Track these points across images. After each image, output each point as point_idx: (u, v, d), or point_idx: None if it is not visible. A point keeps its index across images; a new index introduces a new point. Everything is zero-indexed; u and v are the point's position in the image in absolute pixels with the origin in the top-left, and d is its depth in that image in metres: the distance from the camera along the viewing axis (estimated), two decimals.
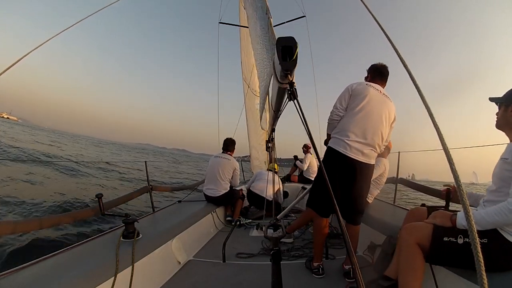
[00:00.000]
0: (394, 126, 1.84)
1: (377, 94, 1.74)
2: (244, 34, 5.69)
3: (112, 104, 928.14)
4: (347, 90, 1.77)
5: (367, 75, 1.94)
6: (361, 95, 1.72)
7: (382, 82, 1.86)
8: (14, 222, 1.47)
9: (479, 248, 0.40)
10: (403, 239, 1.29)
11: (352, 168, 1.70)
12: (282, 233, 1.28)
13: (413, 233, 1.27)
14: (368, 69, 1.93)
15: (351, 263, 0.69)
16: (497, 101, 1.32)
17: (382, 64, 1.89)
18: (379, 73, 1.86)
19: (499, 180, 1.19)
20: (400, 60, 0.55)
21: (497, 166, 1.25)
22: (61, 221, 1.85)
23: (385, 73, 1.87)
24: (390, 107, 1.77)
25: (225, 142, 3.48)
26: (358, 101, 1.71)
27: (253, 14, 1.70)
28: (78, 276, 1.15)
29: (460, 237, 1.15)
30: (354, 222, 1.82)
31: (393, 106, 1.80)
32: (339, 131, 1.76)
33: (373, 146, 1.72)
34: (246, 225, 3.14)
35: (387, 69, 1.87)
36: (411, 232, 1.28)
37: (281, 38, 0.76)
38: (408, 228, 1.32)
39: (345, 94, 1.77)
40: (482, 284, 0.39)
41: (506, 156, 1.17)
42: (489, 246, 1.06)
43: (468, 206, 0.42)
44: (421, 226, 1.29)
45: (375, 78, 1.86)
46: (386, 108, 1.75)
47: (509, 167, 1.13)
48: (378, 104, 1.73)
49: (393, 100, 1.81)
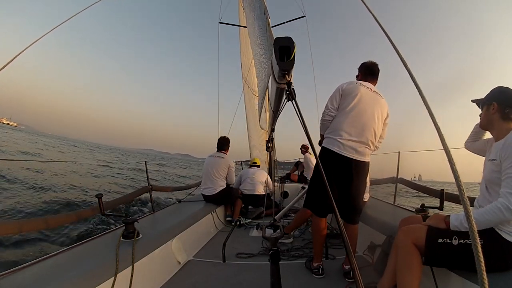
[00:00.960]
0: (388, 122, 1.86)
1: (368, 92, 1.76)
2: (244, 34, 5.69)
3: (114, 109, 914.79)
4: (338, 90, 1.79)
5: (358, 73, 1.96)
6: (351, 94, 1.74)
7: (373, 80, 1.88)
8: (13, 222, 1.48)
9: (480, 248, 0.40)
10: (400, 240, 1.31)
11: (347, 166, 1.71)
12: (281, 233, 1.28)
13: (409, 234, 1.29)
14: (359, 67, 1.95)
15: (350, 264, 0.69)
16: (478, 102, 1.33)
17: (372, 62, 1.90)
18: (370, 71, 1.88)
19: (488, 182, 1.19)
20: (400, 60, 0.55)
21: (485, 168, 1.26)
22: (61, 221, 1.85)
23: (376, 70, 1.89)
24: (382, 104, 1.78)
25: (219, 141, 3.49)
26: (349, 100, 1.73)
27: (251, 14, 1.70)
28: (78, 276, 1.15)
29: (455, 238, 1.16)
30: (352, 221, 1.82)
31: (385, 103, 1.81)
32: (332, 131, 1.78)
33: (366, 144, 1.74)
34: (246, 225, 3.14)
35: (377, 67, 1.89)
36: (407, 233, 1.30)
37: (279, 38, 0.76)
38: (404, 230, 1.34)
39: (336, 94, 1.79)
40: (483, 284, 0.39)
41: (493, 157, 1.17)
42: (486, 246, 1.05)
43: (468, 207, 0.42)
44: (416, 228, 1.30)
45: (366, 76, 1.88)
46: (378, 106, 1.76)
47: (497, 168, 1.13)
48: (369, 102, 1.74)
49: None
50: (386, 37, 0.59)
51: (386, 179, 3.31)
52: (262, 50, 1.26)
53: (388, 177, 3.23)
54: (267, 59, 0.98)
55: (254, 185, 3.72)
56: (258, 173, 3.89)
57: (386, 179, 3.31)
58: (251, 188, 3.70)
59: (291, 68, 0.76)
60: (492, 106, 1.23)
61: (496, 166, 1.14)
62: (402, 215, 2.24)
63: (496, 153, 1.16)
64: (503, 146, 1.13)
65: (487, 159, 1.26)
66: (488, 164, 1.22)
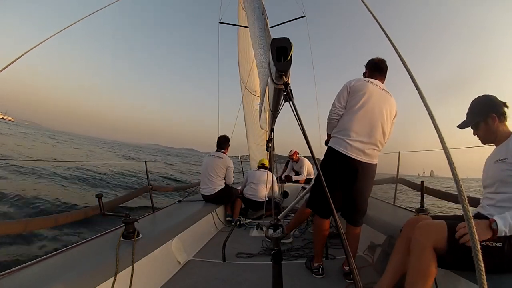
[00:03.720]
0: (395, 121, 1.80)
1: (377, 90, 1.69)
2: (242, 34, 5.69)
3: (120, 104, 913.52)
4: (345, 87, 1.72)
5: (365, 70, 1.88)
6: (360, 92, 1.67)
7: (381, 77, 1.81)
8: (13, 222, 1.48)
9: (479, 247, 0.40)
10: (418, 241, 1.13)
11: (353, 168, 1.66)
12: (283, 233, 1.28)
13: (430, 235, 1.11)
14: (366, 64, 1.87)
15: (349, 265, 0.69)
16: (467, 124, 1.32)
17: (380, 58, 1.83)
18: (378, 68, 1.81)
19: (500, 182, 1.17)
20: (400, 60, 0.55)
21: (490, 169, 1.23)
22: (61, 221, 1.85)
23: (384, 68, 1.82)
24: (391, 103, 1.73)
25: (218, 139, 3.44)
26: (358, 98, 1.66)
27: (251, 15, 1.70)
28: (78, 276, 1.15)
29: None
30: (355, 223, 1.80)
31: (394, 101, 1.75)
32: (339, 130, 1.71)
33: (375, 145, 1.68)
34: (246, 225, 3.14)
35: (385, 64, 1.82)
36: (427, 234, 1.12)
37: (276, 39, 0.75)
38: (423, 228, 1.16)
39: (344, 91, 1.72)
40: (482, 285, 0.39)
41: (503, 157, 1.16)
42: (503, 249, 1.04)
43: (468, 207, 0.42)
44: (437, 227, 1.14)
45: (374, 74, 1.81)
46: (387, 104, 1.70)
47: (509, 167, 1.13)
48: (378, 100, 1.68)
49: (397, 99, 1.78)
50: (386, 37, 0.59)
51: (386, 179, 3.31)
52: (261, 50, 1.26)
53: (388, 177, 3.23)
54: (266, 60, 0.98)
55: (256, 191, 3.65)
56: (263, 177, 3.75)
57: (386, 179, 3.31)
58: (252, 193, 3.65)
59: (288, 69, 0.75)
60: (491, 118, 1.23)
61: (507, 165, 1.13)
62: (402, 215, 2.23)
63: (505, 152, 1.16)
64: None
65: (492, 162, 1.24)
66: (495, 166, 1.20)
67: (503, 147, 1.20)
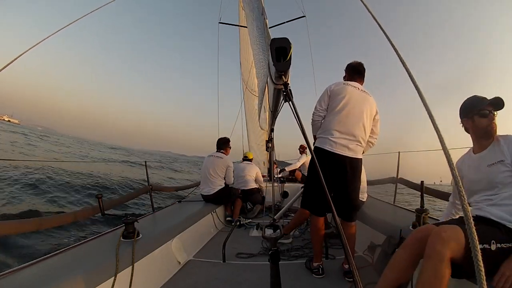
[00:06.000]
0: (378, 118, 1.91)
1: (356, 92, 1.81)
2: (243, 34, 5.69)
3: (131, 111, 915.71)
4: (326, 91, 1.85)
5: (345, 74, 2.01)
6: (340, 95, 1.79)
7: (360, 79, 1.93)
8: (12, 222, 1.48)
9: (479, 249, 0.40)
10: (435, 250, 1.03)
11: (341, 164, 1.75)
12: (280, 233, 1.28)
13: (449, 244, 1.01)
14: (346, 68, 2.00)
15: (349, 264, 0.69)
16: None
17: (358, 62, 1.96)
18: (356, 71, 1.94)
19: (500, 184, 1.17)
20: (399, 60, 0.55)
21: (486, 172, 1.22)
22: (61, 221, 1.85)
23: (362, 70, 1.94)
24: (371, 102, 1.84)
25: (218, 141, 3.53)
26: (338, 101, 1.78)
27: (250, 15, 1.70)
28: (78, 276, 1.15)
29: (493, 243, 1.02)
30: (350, 218, 1.84)
31: (373, 100, 1.87)
32: (323, 131, 1.83)
33: (357, 141, 1.78)
34: (246, 225, 3.14)
35: (363, 66, 1.95)
36: (446, 242, 1.02)
37: (275, 39, 0.75)
38: (440, 235, 1.05)
39: (324, 96, 1.84)
40: (482, 285, 0.39)
41: (499, 159, 1.16)
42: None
43: (468, 207, 0.42)
44: (456, 235, 1.04)
45: (353, 76, 1.93)
46: (367, 104, 1.82)
47: (508, 167, 1.13)
48: (358, 101, 1.80)
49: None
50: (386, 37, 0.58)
51: (386, 179, 3.31)
52: (260, 51, 1.26)
53: (388, 177, 3.23)
54: (265, 60, 0.98)
55: (246, 181, 3.79)
56: (248, 168, 3.92)
57: (386, 179, 3.31)
58: (243, 183, 3.78)
59: (288, 69, 0.75)
60: (475, 118, 1.26)
61: (506, 166, 1.14)
62: (402, 215, 2.23)
63: (501, 153, 1.16)
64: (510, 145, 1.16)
65: (484, 165, 1.24)
66: (492, 169, 1.19)
67: (495, 148, 1.20)
